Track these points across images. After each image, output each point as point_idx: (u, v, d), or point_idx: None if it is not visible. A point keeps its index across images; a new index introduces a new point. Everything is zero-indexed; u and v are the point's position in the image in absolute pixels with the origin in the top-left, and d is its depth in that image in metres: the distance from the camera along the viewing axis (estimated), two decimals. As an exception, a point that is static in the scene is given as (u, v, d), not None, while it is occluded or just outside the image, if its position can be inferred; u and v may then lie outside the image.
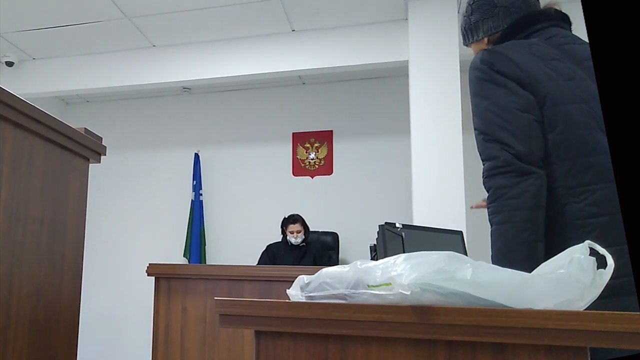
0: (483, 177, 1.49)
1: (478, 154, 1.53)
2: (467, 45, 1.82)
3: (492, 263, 1.39)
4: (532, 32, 1.61)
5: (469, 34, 1.77)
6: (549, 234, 1.41)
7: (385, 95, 5.31)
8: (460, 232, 2.14)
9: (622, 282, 1.07)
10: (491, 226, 1.47)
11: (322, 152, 5.48)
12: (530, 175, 1.40)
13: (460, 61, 3.94)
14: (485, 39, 1.71)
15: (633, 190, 0.83)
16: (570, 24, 1.66)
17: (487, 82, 1.52)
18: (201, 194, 5.51)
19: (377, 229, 1.69)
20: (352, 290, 0.91)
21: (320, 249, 4.73)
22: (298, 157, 5.54)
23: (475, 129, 1.53)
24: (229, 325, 0.92)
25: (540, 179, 1.40)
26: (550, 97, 1.45)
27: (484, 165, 1.50)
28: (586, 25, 0.97)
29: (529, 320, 0.78)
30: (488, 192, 1.47)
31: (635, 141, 0.82)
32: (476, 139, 1.53)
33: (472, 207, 1.95)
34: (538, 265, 0.93)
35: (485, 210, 1.67)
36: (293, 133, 5.57)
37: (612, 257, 0.86)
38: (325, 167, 5.46)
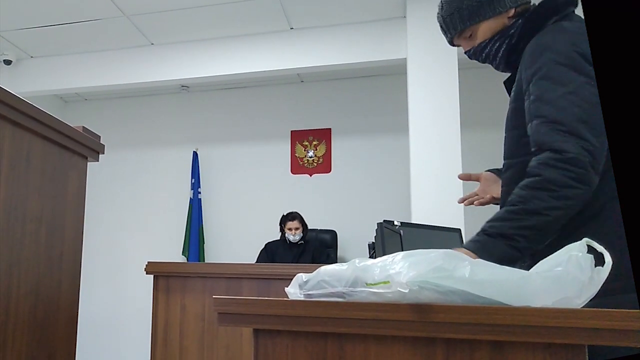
0: (537, 162, 1.28)
1: (532, 142, 1.32)
2: (478, 22, 1.49)
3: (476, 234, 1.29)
4: (567, 14, 1.40)
5: (485, 6, 1.47)
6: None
7: (384, 93, 5.31)
8: (459, 230, 2.15)
9: (623, 283, 1.06)
10: (501, 207, 1.34)
11: (321, 150, 5.48)
12: (587, 186, 1.23)
13: (458, 59, 3.93)
14: (512, 11, 1.46)
15: (633, 190, 0.82)
16: None
17: (565, 66, 1.30)
18: (200, 192, 5.51)
19: (376, 227, 1.69)
20: (351, 289, 0.91)
21: (319, 247, 4.73)
22: (296, 155, 5.53)
23: (538, 116, 1.31)
24: (227, 323, 0.92)
25: (589, 193, 1.23)
26: None
27: (538, 154, 1.29)
28: (586, 24, 0.97)
29: (527, 318, 0.78)
30: (531, 175, 1.27)
31: (636, 142, 0.82)
32: (537, 127, 1.31)
33: (459, 177, 1.74)
34: None
35: (482, 207, 1.63)
36: (291, 131, 5.57)
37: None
38: (324, 165, 5.46)
